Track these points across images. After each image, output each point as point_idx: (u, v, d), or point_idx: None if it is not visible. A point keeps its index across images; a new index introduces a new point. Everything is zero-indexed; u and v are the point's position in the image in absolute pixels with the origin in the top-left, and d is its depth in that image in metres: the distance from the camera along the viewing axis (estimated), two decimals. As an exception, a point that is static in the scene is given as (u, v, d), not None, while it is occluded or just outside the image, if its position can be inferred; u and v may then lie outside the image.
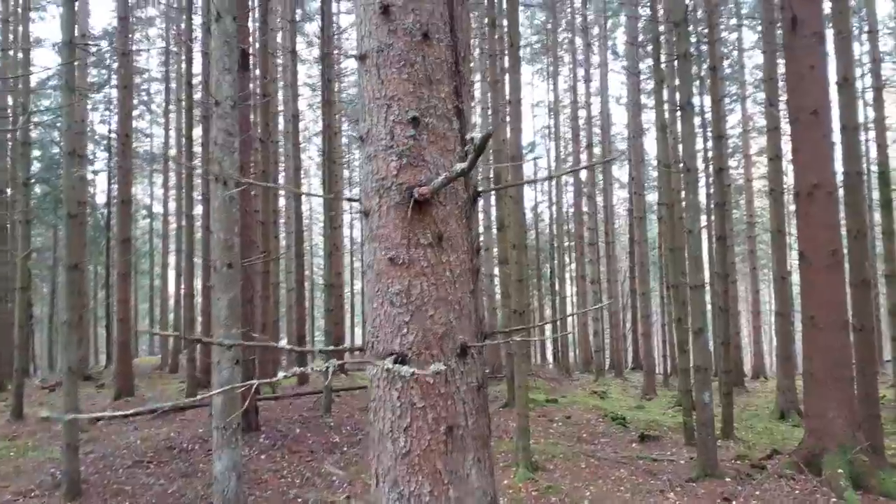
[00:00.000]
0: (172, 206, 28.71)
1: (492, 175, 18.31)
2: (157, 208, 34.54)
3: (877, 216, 17.93)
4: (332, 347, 2.58)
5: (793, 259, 19.57)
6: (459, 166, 1.96)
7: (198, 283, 22.12)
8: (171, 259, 29.87)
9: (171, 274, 28.63)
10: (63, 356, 8.41)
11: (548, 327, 31.67)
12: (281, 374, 2.07)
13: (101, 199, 30.27)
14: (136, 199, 34.06)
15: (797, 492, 7.39)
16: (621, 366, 26.25)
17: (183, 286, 20.21)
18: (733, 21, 24.88)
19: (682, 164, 8.74)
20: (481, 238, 23.08)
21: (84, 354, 21.35)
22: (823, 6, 9.16)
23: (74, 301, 8.42)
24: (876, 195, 14.35)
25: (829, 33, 9.60)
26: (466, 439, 2.57)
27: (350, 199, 2.86)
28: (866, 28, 15.71)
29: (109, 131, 26.29)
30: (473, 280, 2.72)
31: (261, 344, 2.47)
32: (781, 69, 17.95)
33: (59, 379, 15.34)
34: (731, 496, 7.33)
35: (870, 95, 16.47)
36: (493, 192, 20.33)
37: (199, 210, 23.95)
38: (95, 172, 30.38)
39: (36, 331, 34.65)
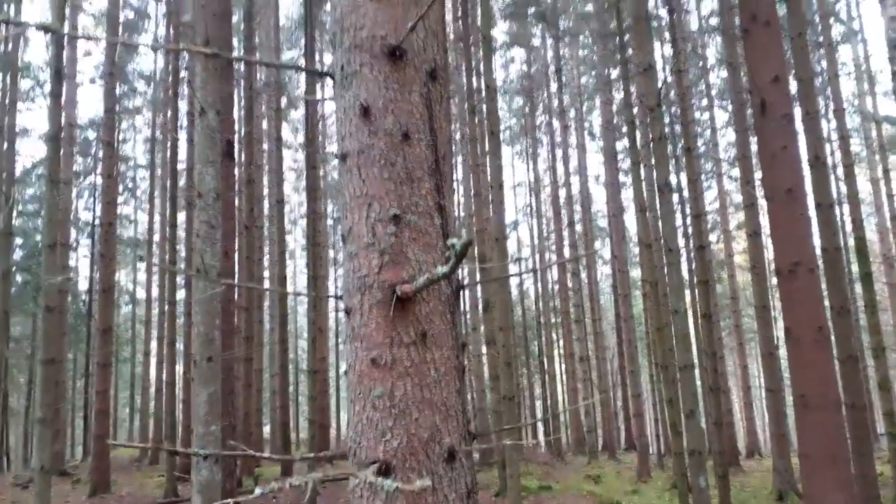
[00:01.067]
0: (156, 291, 28.46)
1: (476, 254, 18.41)
2: (141, 293, 34.22)
3: (857, 288, 18.11)
4: (313, 455, 2.47)
5: (778, 330, 19.62)
6: (441, 270, 1.93)
7: (179, 370, 21.66)
8: (154, 346, 29.37)
9: (153, 361, 28.06)
10: (36, 453, 8.07)
11: (540, 431, 31.15)
12: (258, 491, 1.96)
13: (83, 284, 29.98)
14: (119, 284, 33.82)
15: (803, 581, 7.08)
16: (614, 446, 25.70)
17: (164, 374, 19.79)
18: (705, 102, 25.81)
19: (663, 243, 8.82)
20: (468, 317, 22.95)
21: (60, 448, 20.58)
22: (791, 87, 9.53)
23: (50, 397, 8.16)
24: (855, 268, 14.53)
25: (798, 112, 9.95)
26: (456, 552, 2.44)
27: (333, 297, 2.81)
28: (833, 107, 16.31)
29: (93, 219, 26.31)
30: (459, 378, 2.65)
31: (240, 454, 2.35)
32: (755, 146, 18.54)
33: (32, 475, 14.70)
34: (734, 588, 7.02)
35: (841, 171, 16.93)
36: (478, 276, 20.42)
37: (182, 295, 23.75)
38: (78, 259, 30.27)
39: (11, 423, 33.54)
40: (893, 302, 22.12)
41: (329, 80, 2.94)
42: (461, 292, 2.82)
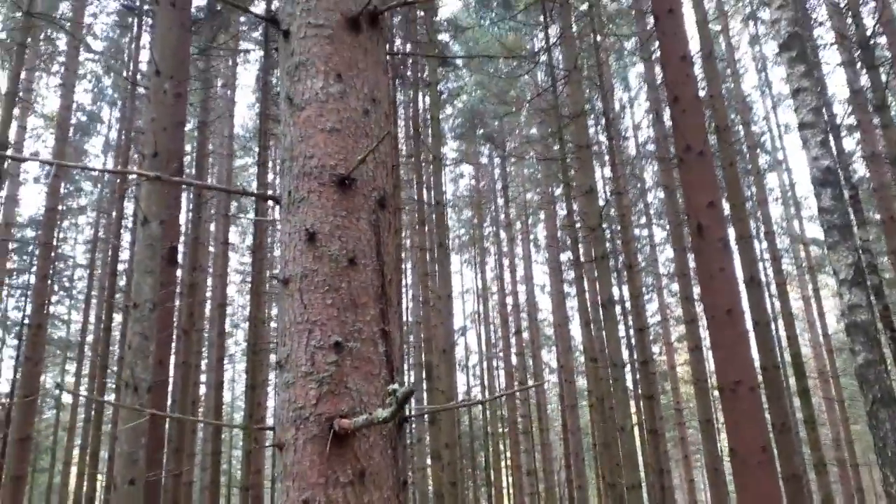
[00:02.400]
0: (83, 397, 26.88)
1: (423, 362, 18.14)
2: (67, 398, 32.25)
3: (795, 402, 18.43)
4: None
5: (722, 442, 19.67)
6: (382, 413, 1.86)
7: (102, 482, 20.12)
8: (76, 454, 27.39)
9: (73, 472, 26.07)
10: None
11: None
12: None
13: (3, 387, 28.16)
14: (43, 387, 31.90)
15: None
16: (562, 566, 24.70)
17: (85, 488, 18.35)
18: (643, 220, 26.95)
19: (608, 357, 8.89)
20: (413, 426, 22.31)
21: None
22: (724, 211, 10.02)
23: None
24: (793, 382, 14.86)
25: (732, 234, 10.44)
26: None
27: (268, 429, 2.67)
28: (763, 230, 17.21)
29: (22, 319, 25.10)
30: (400, 521, 2.50)
31: None
32: (693, 263, 19.25)
33: None
34: None
35: (774, 289, 17.64)
36: (424, 388, 20.07)
37: (112, 396, 22.47)
38: (2, 360, 28.60)
39: None
40: (830, 416, 22.58)
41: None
42: (404, 425, 2.72)
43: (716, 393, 21.85)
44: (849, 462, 19.38)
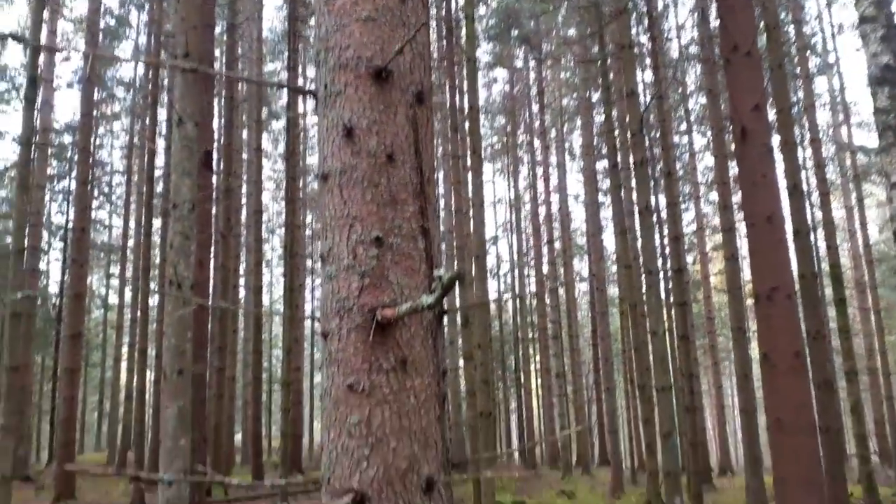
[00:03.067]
0: (129, 297, 27.99)
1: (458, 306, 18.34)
2: (113, 298, 33.63)
3: (831, 313, 18.34)
4: (285, 481, 2.39)
5: (752, 351, 19.81)
6: (426, 299, 1.88)
7: (150, 377, 21.26)
8: (125, 352, 28.83)
9: (124, 367, 27.55)
10: (-2, 462, 7.84)
11: (516, 456, 31.09)
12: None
13: (53, 288, 29.41)
14: (91, 289, 33.23)
15: None
16: (588, 461, 25.69)
17: (135, 381, 19.41)
18: (683, 126, 26.14)
19: (641, 265, 8.86)
20: (446, 330, 22.82)
21: (24, 453, 20.06)
22: (769, 116, 9.65)
23: (13, 405, 7.94)
24: (829, 293, 14.73)
25: (776, 140, 10.10)
26: (432, 584, 2.37)
27: (310, 318, 2.74)
28: (809, 136, 16.58)
29: (66, 223, 25.86)
30: (440, 406, 2.58)
31: (208, 480, 2.27)
32: (732, 171, 18.77)
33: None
34: None
35: (816, 198, 17.19)
36: (457, 290, 20.36)
37: (154, 302, 23.35)
38: (49, 263, 29.71)
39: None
40: (865, 327, 22.48)
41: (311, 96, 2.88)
42: (443, 318, 2.77)
43: (749, 302, 21.82)
44: (881, 371, 19.43)
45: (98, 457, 28.38)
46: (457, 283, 1.63)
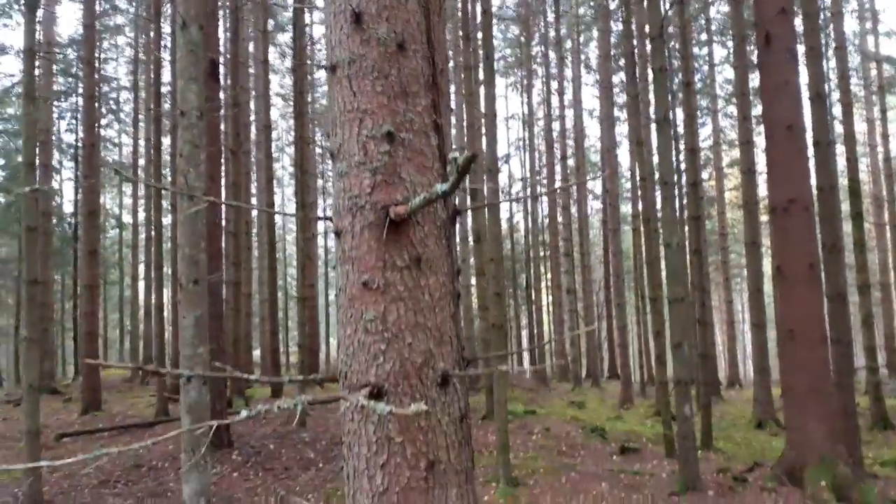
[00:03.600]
0: (143, 216, 28.18)
1: (468, 187, 18.22)
2: (127, 218, 33.89)
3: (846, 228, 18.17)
4: (302, 377, 2.41)
5: (765, 268, 19.81)
6: (440, 187, 1.81)
7: (168, 294, 21.65)
8: (141, 270, 29.27)
9: (142, 285, 28.06)
10: (25, 372, 8.09)
11: (526, 360, 31.67)
12: (244, 413, 1.90)
13: (68, 208, 29.61)
14: (104, 208, 33.42)
15: (780, 506, 7.34)
16: (597, 375, 26.27)
17: (153, 297, 19.78)
18: (703, 36, 25.19)
19: (657, 177, 8.70)
20: (458, 249, 22.90)
21: (50, 368, 20.76)
22: (795, 23, 9.24)
23: (35, 317, 8.11)
24: (845, 207, 14.50)
25: (801, 48, 9.69)
26: (449, 474, 2.42)
27: (322, 219, 2.69)
28: (834, 45, 15.93)
29: (76, 141, 25.74)
30: (454, 304, 2.57)
31: (226, 375, 2.29)
32: (753, 83, 18.18)
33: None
34: (712, 512, 7.26)
35: (838, 110, 16.67)
36: (468, 206, 20.27)
37: (168, 220, 23.50)
38: (62, 182, 29.80)
39: (2, 343, 33.71)
40: (880, 242, 22.31)
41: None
42: (457, 218, 2.72)
43: (763, 218, 21.64)
44: (893, 285, 19.42)
45: (121, 371, 29.32)
46: (472, 165, 1.56)
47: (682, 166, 19.78)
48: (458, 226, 2.75)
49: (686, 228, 15.43)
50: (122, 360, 39.10)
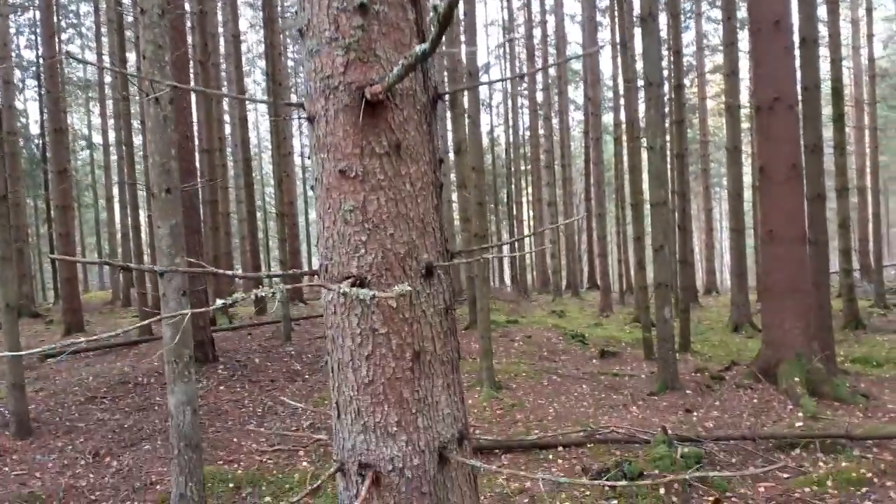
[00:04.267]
0: (113, 136, 27.35)
1: (447, 91, 17.78)
2: (98, 139, 32.95)
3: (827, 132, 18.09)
4: (282, 272, 2.32)
5: (746, 176, 19.82)
6: (420, 48, 1.66)
7: (144, 216, 21.31)
8: (116, 191, 28.68)
9: (117, 206, 27.59)
10: (1, 294, 7.94)
11: (506, 249, 31.87)
12: (219, 302, 1.80)
13: (35, 130, 28.64)
14: (73, 129, 32.40)
15: (755, 400, 7.57)
16: (577, 286, 26.68)
17: (129, 218, 19.43)
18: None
19: (644, 78, 8.47)
20: (439, 141, 22.57)
21: (29, 291, 20.60)
22: None
23: (7, 234, 7.90)
24: (826, 111, 14.36)
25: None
26: (434, 365, 2.38)
27: (294, 105, 2.53)
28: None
29: (37, 57, 24.60)
30: (437, 194, 2.46)
31: (203, 271, 2.18)
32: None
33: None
34: (692, 407, 7.48)
35: (822, 11, 16.25)
36: (448, 117, 19.85)
37: (139, 140, 22.83)
38: (26, 102, 28.70)
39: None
40: (858, 147, 22.35)
41: None
42: (437, 103, 2.57)
43: (745, 125, 21.50)
44: (870, 189, 19.58)
45: (103, 294, 29.24)
46: (452, 16, 1.41)
47: (665, 73, 19.39)
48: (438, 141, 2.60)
49: (669, 133, 15.29)
50: (102, 284, 38.89)
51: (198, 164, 13.50)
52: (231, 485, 5.98)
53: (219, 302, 1.76)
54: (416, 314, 2.32)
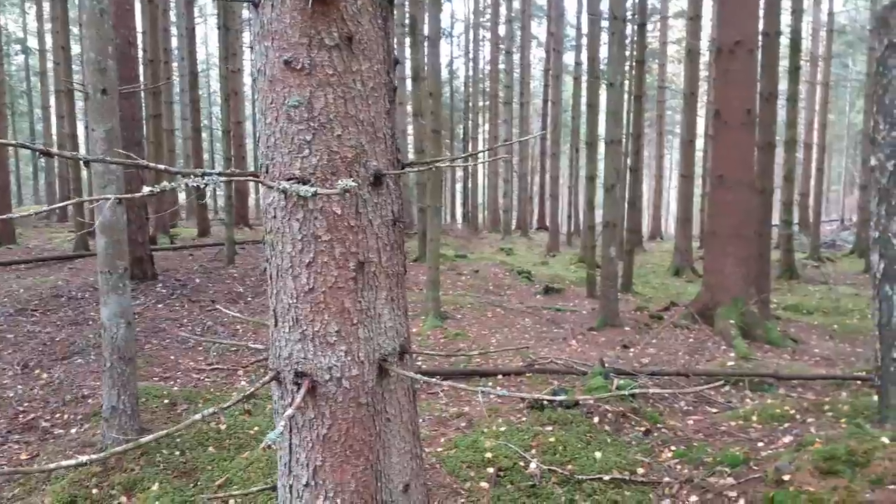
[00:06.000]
0: (50, 41, 25.67)
1: (406, 20, 17.18)
2: (33, 43, 30.89)
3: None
4: (221, 170, 2.16)
5: (699, 125, 20.00)
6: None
7: (81, 128, 20.24)
8: (53, 100, 27.14)
9: (53, 116, 26.17)
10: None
11: (458, 185, 31.71)
12: (146, 189, 1.65)
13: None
14: (6, 31, 30.28)
15: (691, 339, 7.81)
16: (527, 226, 26.88)
17: (66, 127, 18.46)
18: None
19: (609, 12, 8.29)
20: (395, 89, 22.01)
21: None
22: None
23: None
24: (784, 62, 14.47)
25: None
26: (379, 277, 2.29)
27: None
28: None
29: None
30: (390, 98, 2.32)
31: (135, 163, 1.99)
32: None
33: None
34: (629, 343, 7.67)
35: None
36: (407, 43, 19.24)
37: (78, 49, 21.45)
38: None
39: None
40: (809, 101, 22.73)
41: None
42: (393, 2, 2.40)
43: (703, 73, 21.55)
44: (816, 144, 20.07)
45: (37, 208, 28.03)
46: None
47: (630, 14, 19.13)
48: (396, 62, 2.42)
49: (629, 74, 15.19)
50: (39, 198, 37.28)
51: (141, 76, 12.81)
52: (167, 401, 5.87)
53: (146, 189, 1.61)
54: (361, 223, 2.21)
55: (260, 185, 2.16)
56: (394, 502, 2.42)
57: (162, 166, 2.05)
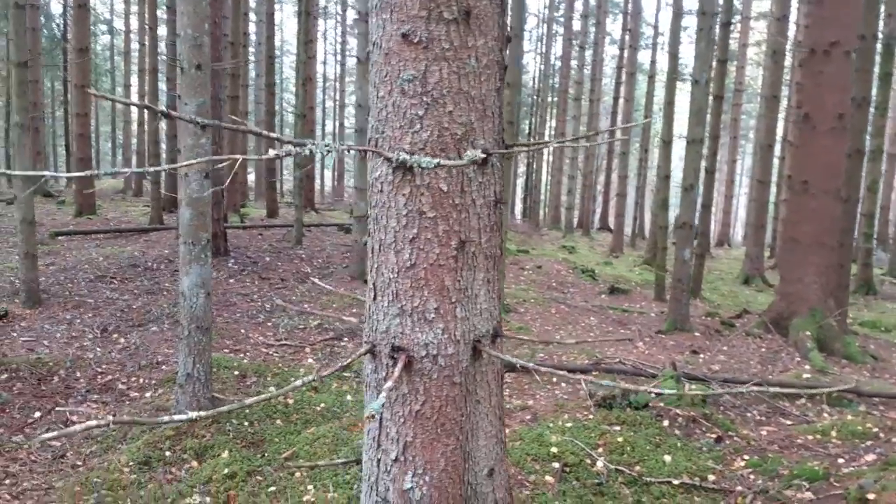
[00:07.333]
0: (136, 23, 26.63)
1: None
2: (119, 24, 32.14)
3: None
4: (331, 143, 2.17)
5: (779, 130, 19.21)
6: None
7: (161, 106, 20.92)
8: (134, 80, 28.18)
9: (135, 95, 27.16)
10: (18, 159, 7.82)
11: (519, 182, 31.49)
12: (271, 153, 1.67)
13: (56, 8, 27.89)
14: (95, 10, 31.56)
15: (763, 349, 7.55)
16: (589, 225, 26.49)
17: (147, 114, 19.13)
18: None
19: (698, 10, 8.05)
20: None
21: (42, 170, 20.51)
22: None
23: (25, 102, 7.74)
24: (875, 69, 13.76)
25: None
26: (478, 257, 2.27)
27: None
28: None
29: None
30: (500, 76, 2.29)
31: (247, 130, 2.01)
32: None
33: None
34: (699, 349, 7.46)
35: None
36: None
37: (163, 30, 22.22)
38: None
39: (-7, 144, 33.20)
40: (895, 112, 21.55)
41: None
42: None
43: (786, 77, 20.74)
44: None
45: (114, 182, 29.18)
46: None
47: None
48: None
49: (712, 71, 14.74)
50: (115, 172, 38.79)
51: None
52: (236, 372, 6.02)
53: (271, 152, 1.62)
54: (465, 202, 2.19)
55: (370, 155, 2.16)
56: (479, 485, 2.40)
57: (275, 135, 2.07)
